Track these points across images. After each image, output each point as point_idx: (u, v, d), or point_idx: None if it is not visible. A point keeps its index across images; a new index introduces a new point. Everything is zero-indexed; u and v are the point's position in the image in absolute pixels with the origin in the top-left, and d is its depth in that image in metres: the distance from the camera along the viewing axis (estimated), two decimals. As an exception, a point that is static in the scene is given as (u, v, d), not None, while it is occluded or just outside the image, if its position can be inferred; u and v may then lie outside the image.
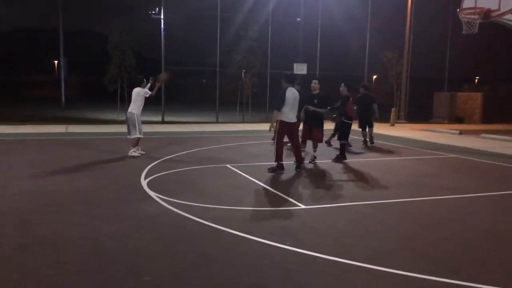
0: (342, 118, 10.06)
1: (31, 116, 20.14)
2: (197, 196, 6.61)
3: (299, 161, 8.79)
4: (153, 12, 21.70)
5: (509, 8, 9.26)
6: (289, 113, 8.42)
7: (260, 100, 23.81)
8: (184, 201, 6.26)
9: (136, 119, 10.09)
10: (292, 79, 8.81)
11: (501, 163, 10.42)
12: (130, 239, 4.75)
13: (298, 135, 8.92)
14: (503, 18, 9.54)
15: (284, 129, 8.46)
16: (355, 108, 11.73)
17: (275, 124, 8.42)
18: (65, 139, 13.62)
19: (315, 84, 9.46)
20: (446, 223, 5.60)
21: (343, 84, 10.36)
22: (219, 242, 4.73)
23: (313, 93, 9.47)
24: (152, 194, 6.65)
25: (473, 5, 9.78)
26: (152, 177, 7.87)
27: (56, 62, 32.37)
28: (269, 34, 23.91)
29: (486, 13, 9.52)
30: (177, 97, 29.16)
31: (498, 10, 9.39)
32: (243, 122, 21.36)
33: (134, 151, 10.07)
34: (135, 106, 10.16)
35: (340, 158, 9.90)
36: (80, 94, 30.93)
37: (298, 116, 8.76)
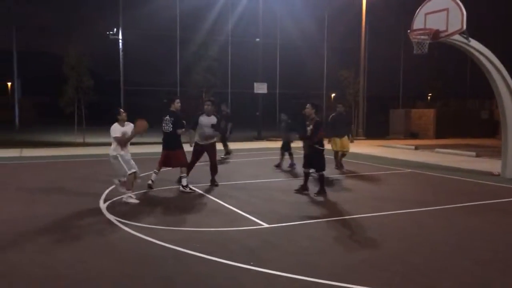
0: (316, 146, 8.31)
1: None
2: (157, 219, 6.49)
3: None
4: (111, 32, 21.46)
5: (456, 29, 9.73)
6: None
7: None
8: (144, 224, 6.13)
9: (115, 161, 7.58)
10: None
11: (455, 177, 10.84)
12: (88, 266, 4.59)
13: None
14: (451, 38, 10.01)
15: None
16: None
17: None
18: (20, 163, 13.10)
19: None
20: (406, 236, 5.75)
21: (309, 104, 8.49)
22: (182, 265, 4.65)
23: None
24: (111, 218, 6.48)
25: (422, 26, 10.24)
26: (111, 200, 7.67)
27: (9, 84, 31.23)
28: (229, 54, 24.14)
29: (435, 34, 9.97)
30: (137, 117, 28.61)
31: (446, 31, 9.86)
32: (205, 141, 21.24)
33: (130, 196, 7.61)
34: (112, 146, 7.64)
35: (321, 191, 8.33)
36: (36, 116, 29.95)
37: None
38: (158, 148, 9.31)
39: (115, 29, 21.80)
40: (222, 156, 13.43)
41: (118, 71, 21.27)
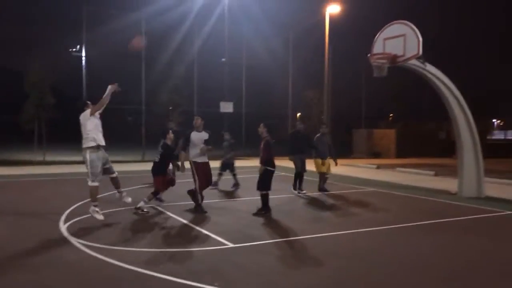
0: (267, 167, 8.33)
1: None
2: (120, 239, 6.38)
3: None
4: (74, 49, 21.17)
5: (413, 54, 10.19)
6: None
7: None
8: (106, 245, 6.01)
9: (87, 158, 7.41)
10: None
11: (415, 195, 11.20)
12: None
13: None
14: (408, 63, 10.45)
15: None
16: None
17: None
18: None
19: None
20: (369, 255, 5.88)
21: (262, 124, 8.68)
22: (146, 287, 4.60)
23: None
24: (72, 239, 6.32)
25: (381, 51, 10.67)
26: (72, 221, 7.49)
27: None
28: (195, 73, 24.23)
29: (393, 58, 10.42)
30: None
31: (404, 55, 10.31)
32: (170, 160, 21.03)
33: (96, 210, 7.48)
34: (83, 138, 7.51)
35: (260, 210, 8.42)
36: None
37: None
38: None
39: (78, 46, 21.53)
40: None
41: (82, 89, 20.90)
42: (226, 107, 23.62)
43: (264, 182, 8.38)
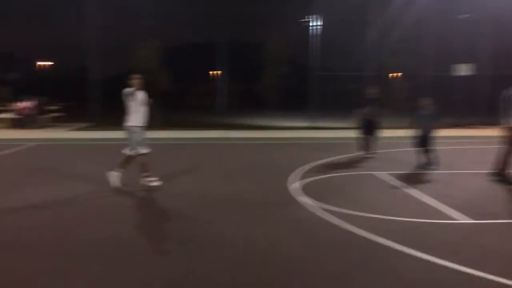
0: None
1: (197, 122, 21.22)
2: (347, 203, 6.40)
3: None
4: (307, 18, 21.78)
5: None
6: None
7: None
8: (334, 207, 6.14)
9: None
10: None
11: None
12: (281, 243, 4.83)
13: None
14: None
15: None
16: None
17: None
18: (227, 143, 14.32)
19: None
20: None
21: None
22: (373, 253, 4.52)
23: None
24: (300, 199, 6.66)
25: None
26: (299, 182, 7.86)
27: (213, 73, 34.82)
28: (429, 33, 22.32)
29: None
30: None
31: None
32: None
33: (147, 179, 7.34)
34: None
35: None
36: (238, 102, 32.49)
37: None
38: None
39: (309, 16, 21.98)
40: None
41: (313, 58, 21.43)
42: (462, 69, 21.16)
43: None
